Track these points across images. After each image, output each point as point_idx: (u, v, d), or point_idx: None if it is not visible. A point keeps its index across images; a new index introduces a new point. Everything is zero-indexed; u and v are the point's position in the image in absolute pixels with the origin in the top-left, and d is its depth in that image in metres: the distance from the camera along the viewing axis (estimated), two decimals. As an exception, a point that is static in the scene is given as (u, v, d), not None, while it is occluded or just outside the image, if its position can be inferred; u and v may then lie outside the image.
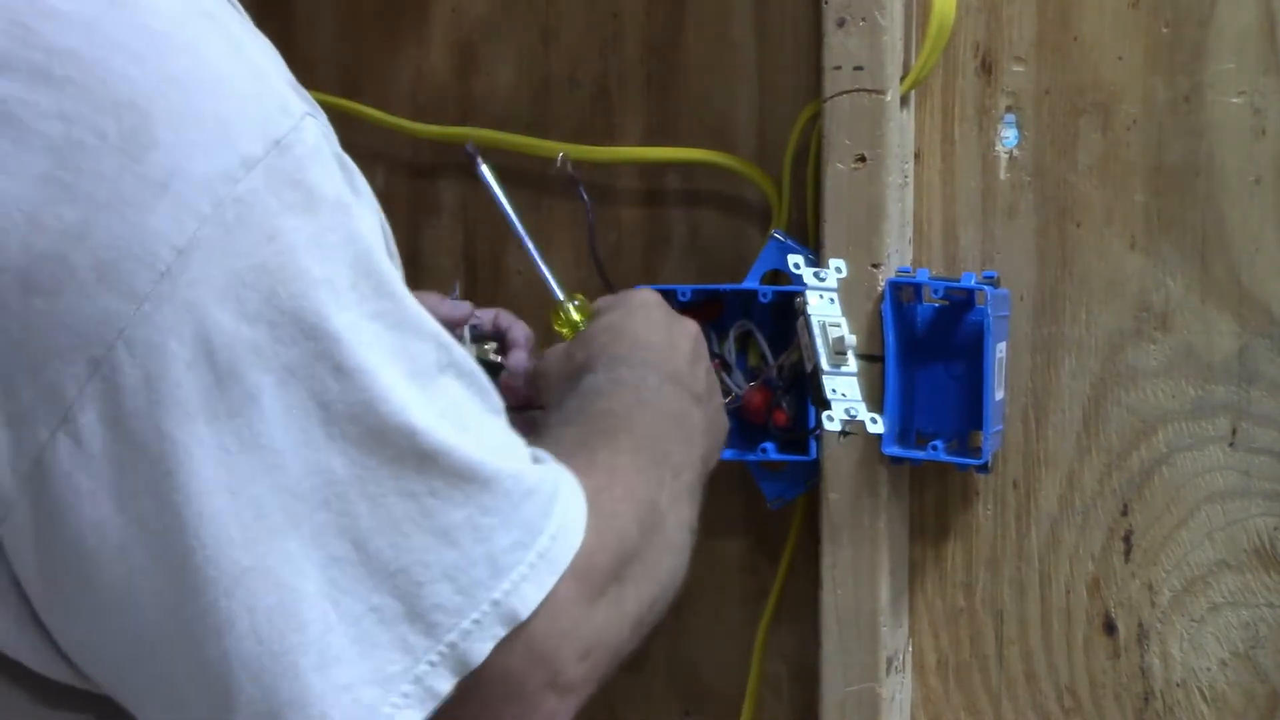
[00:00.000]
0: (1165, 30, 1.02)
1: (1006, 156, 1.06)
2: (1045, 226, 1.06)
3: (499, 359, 1.03)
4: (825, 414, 0.96)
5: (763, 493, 1.10)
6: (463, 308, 1.05)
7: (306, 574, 0.62)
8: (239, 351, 0.60)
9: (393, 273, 0.65)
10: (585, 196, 1.06)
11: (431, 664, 0.63)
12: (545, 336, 1.05)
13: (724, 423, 0.96)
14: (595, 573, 0.69)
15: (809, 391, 1.00)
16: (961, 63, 1.06)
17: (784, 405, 1.05)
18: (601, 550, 0.69)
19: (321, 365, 0.61)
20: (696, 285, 1.05)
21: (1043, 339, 1.06)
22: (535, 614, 0.65)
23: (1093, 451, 1.06)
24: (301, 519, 0.61)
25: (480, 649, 0.64)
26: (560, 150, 1.11)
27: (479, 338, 1.04)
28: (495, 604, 0.64)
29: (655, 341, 0.92)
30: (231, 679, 0.61)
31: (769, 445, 1.05)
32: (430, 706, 0.64)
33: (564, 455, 0.72)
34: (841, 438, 1.03)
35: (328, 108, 1.18)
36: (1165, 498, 1.05)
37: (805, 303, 0.97)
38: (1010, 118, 1.06)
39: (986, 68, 1.06)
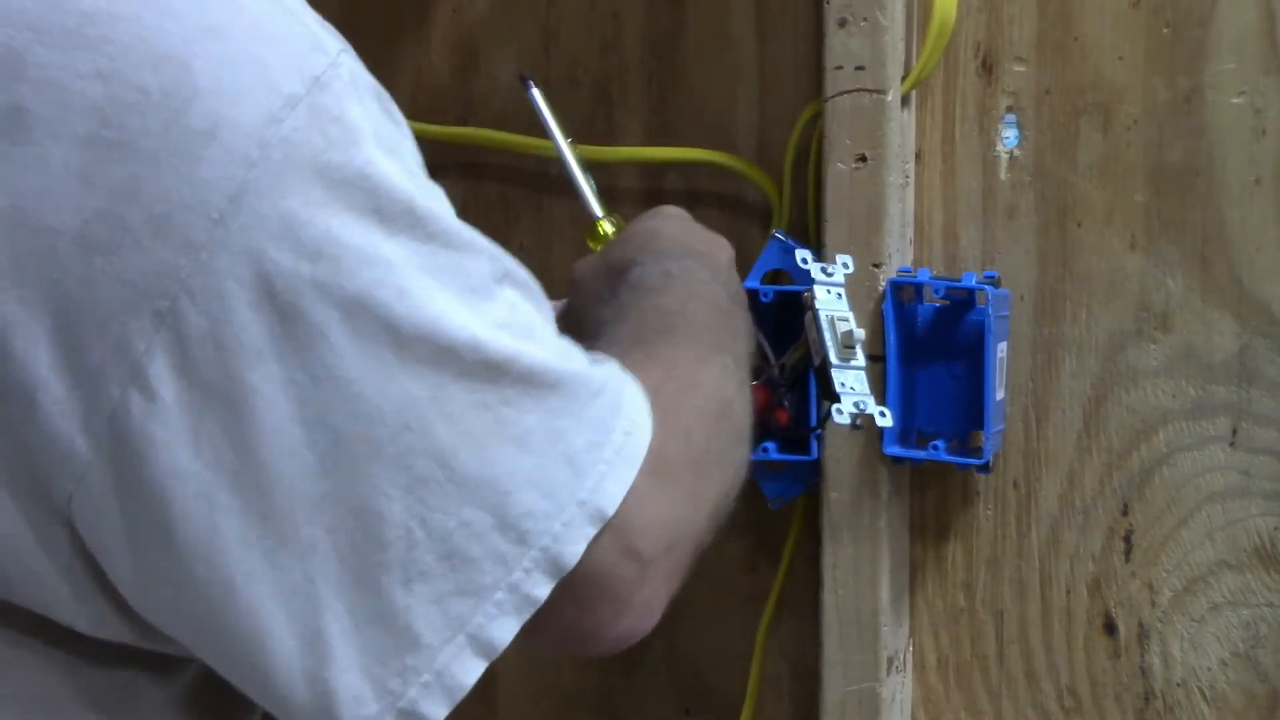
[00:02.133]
0: (1166, 30, 1.02)
1: (1007, 156, 1.06)
2: (1046, 226, 1.06)
3: None
4: (835, 407, 0.96)
5: (763, 492, 1.10)
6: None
7: (391, 496, 0.62)
8: (301, 289, 0.61)
9: (437, 194, 0.66)
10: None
11: (526, 570, 0.64)
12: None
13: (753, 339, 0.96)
14: (668, 465, 0.70)
15: (815, 387, 1.00)
16: (962, 63, 1.06)
17: (785, 404, 1.05)
18: (670, 443, 0.70)
19: (384, 291, 0.62)
20: (697, 285, 1.05)
21: (1043, 339, 1.06)
22: (620, 509, 0.66)
23: (1093, 451, 1.06)
24: (383, 444, 0.62)
25: (573, 550, 0.65)
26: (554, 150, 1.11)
27: None
28: (582, 504, 0.65)
29: (694, 241, 0.92)
30: (318, 599, 0.62)
31: (770, 445, 1.05)
32: (527, 612, 0.65)
33: (620, 353, 0.73)
34: (851, 430, 1.02)
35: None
36: (1165, 497, 1.05)
37: (813, 297, 0.97)
38: (1011, 118, 1.06)
39: (987, 68, 1.06)
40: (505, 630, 0.64)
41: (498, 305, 0.66)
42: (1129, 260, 1.04)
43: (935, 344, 1.03)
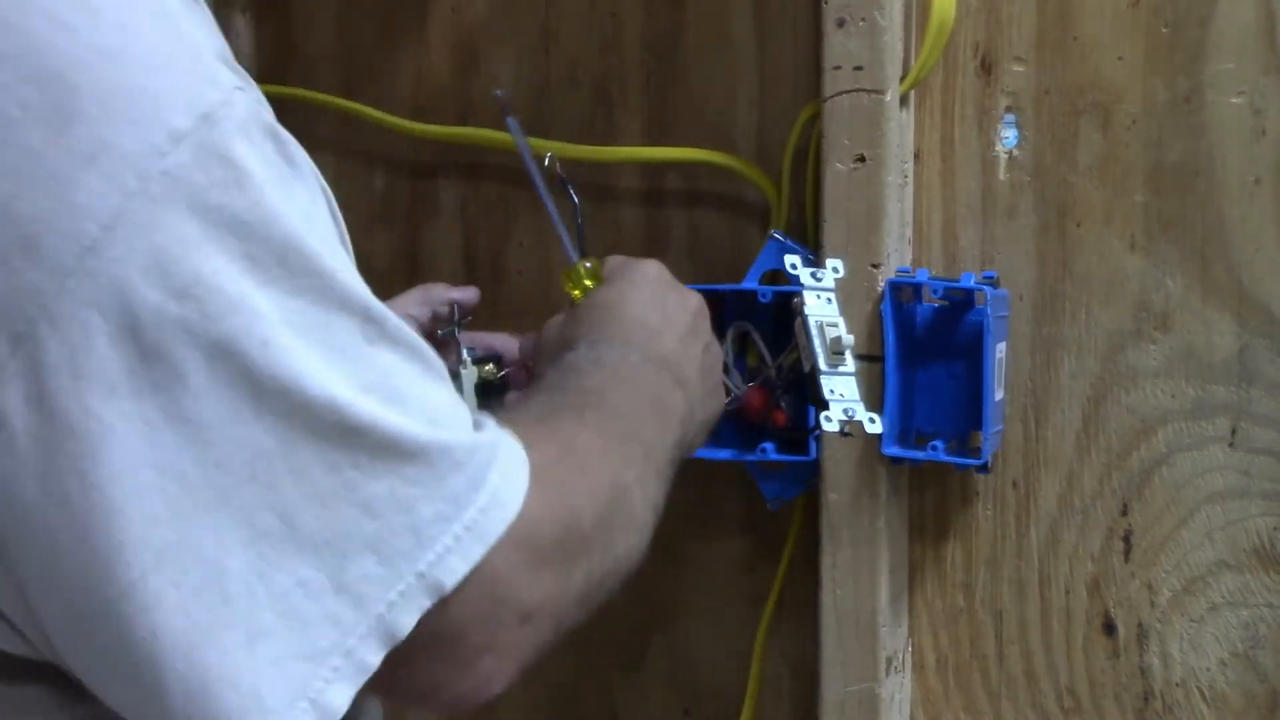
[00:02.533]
0: (1165, 30, 1.02)
1: (1006, 156, 1.06)
2: (1045, 226, 1.06)
3: (501, 374, 1.04)
4: (824, 414, 0.96)
5: (762, 493, 1.10)
6: (469, 292, 1.06)
7: (233, 549, 0.61)
8: (165, 328, 0.60)
9: (324, 246, 0.64)
10: (574, 197, 1.06)
11: (360, 637, 0.64)
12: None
13: (715, 405, 0.96)
14: (538, 542, 0.69)
15: (808, 392, 1.00)
16: (961, 63, 1.06)
17: (783, 405, 1.05)
18: (547, 520, 0.69)
19: (247, 340, 0.61)
20: (696, 285, 1.05)
21: (1042, 339, 1.06)
22: (466, 583, 0.65)
23: (1092, 451, 1.06)
24: (229, 494, 0.61)
25: (406, 620, 0.64)
26: (557, 152, 1.11)
27: (479, 360, 1.04)
28: (420, 575, 0.64)
29: (647, 321, 0.91)
30: (160, 655, 0.61)
31: (769, 445, 1.05)
32: (361, 679, 0.64)
33: (522, 425, 0.72)
34: (840, 437, 1.03)
35: (328, 108, 1.19)
36: (1165, 498, 1.05)
37: (802, 303, 0.97)
38: (1010, 118, 1.06)
39: (986, 68, 1.06)
40: (342, 696, 0.63)
41: (365, 367, 0.64)
42: (1129, 260, 1.04)
43: (934, 344, 1.03)
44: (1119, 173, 1.04)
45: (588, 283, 0.97)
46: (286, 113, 0.82)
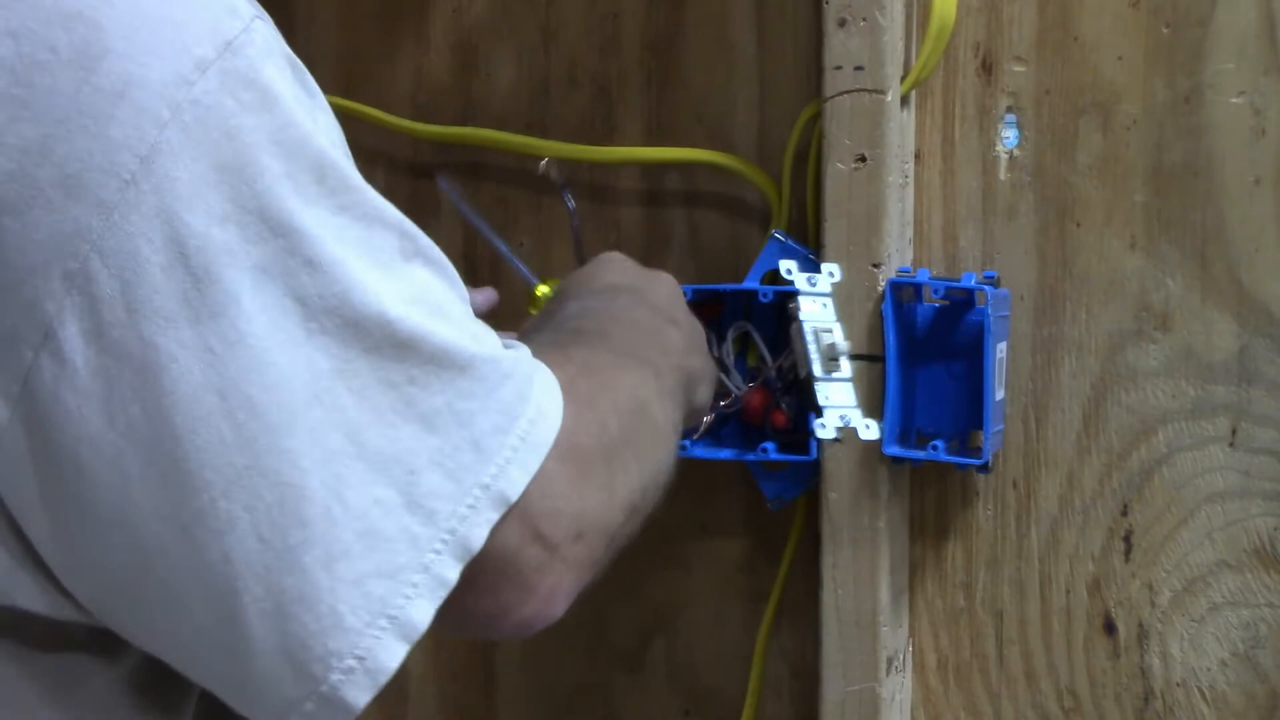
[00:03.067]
0: (1165, 30, 1.02)
1: (1007, 156, 1.06)
2: (1045, 226, 1.06)
3: None
4: (818, 421, 0.96)
5: (763, 493, 1.10)
6: (487, 294, 1.07)
7: (307, 470, 0.62)
8: (212, 253, 0.60)
9: (351, 166, 0.65)
10: (570, 201, 1.06)
11: (436, 552, 0.64)
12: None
13: (711, 366, 0.96)
14: (580, 454, 0.70)
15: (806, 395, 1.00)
16: (962, 63, 1.06)
17: (783, 406, 1.05)
18: (583, 433, 0.70)
19: (293, 261, 0.62)
20: (696, 285, 1.05)
21: (1043, 339, 1.06)
22: (525, 494, 0.66)
23: (1093, 451, 1.06)
24: (296, 415, 0.62)
25: (478, 533, 0.65)
26: (557, 152, 1.11)
27: None
28: (485, 487, 0.65)
29: (628, 282, 0.92)
30: (236, 580, 0.61)
31: (769, 445, 1.05)
32: (441, 594, 0.64)
33: (537, 351, 0.73)
34: (834, 444, 1.03)
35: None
36: (1165, 498, 1.05)
37: (798, 308, 0.97)
38: (1010, 118, 1.06)
39: (987, 68, 1.06)
40: (423, 612, 0.64)
41: (407, 282, 0.65)
42: (1129, 260, 1.04)
43: (935, 344, 1.03)
44: (1119, 173, 1.04)
45: (548, 290, 0.99)
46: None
